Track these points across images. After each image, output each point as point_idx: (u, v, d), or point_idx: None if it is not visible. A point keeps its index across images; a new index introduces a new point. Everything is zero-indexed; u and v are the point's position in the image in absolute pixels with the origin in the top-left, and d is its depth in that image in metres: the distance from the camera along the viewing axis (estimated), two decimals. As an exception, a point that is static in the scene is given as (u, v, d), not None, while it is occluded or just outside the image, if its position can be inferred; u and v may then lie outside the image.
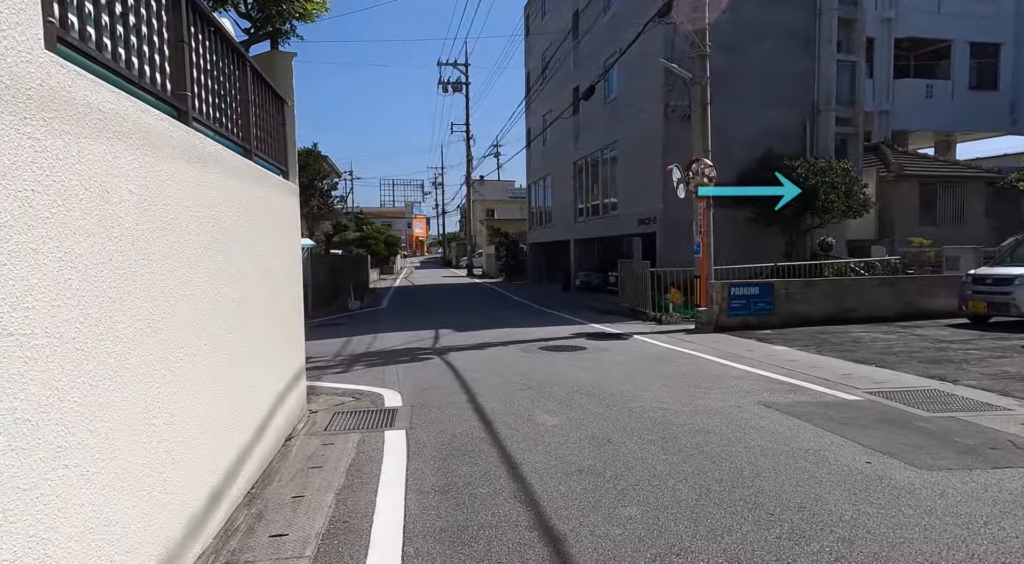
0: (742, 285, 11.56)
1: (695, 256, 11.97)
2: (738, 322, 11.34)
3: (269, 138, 4.80)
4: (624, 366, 7.59)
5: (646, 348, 9.24)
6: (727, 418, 5.01)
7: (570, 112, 23.14)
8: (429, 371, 7.62)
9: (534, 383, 6.63)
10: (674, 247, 16.04)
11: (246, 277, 3.79)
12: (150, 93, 2.71)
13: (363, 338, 11.14)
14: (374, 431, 4.94)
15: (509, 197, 58.82)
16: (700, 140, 11.77)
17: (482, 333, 11.33)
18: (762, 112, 16.65)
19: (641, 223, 17.38)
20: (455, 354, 8.93)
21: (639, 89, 17.40)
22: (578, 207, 23.49)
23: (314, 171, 16.62)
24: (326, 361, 8.77)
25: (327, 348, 10.03)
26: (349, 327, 13.07)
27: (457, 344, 10.01)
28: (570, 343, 9.85)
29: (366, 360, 8.77)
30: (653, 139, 16.49)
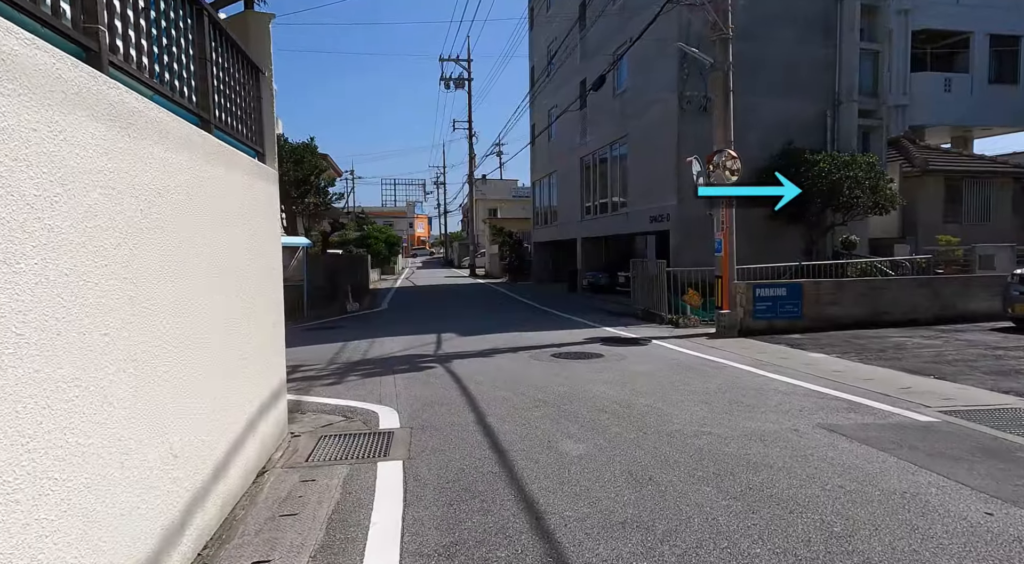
0: (768, 286, 10.73)
1: (716, 255, 11.15)
2: (763, 326, 10.52)
3: (238, 111, 4.00)
4: (649, 377, 6.77)
5: (669, 355, 8.42)
6: (787, 446, 4.19)
7: (577, 106, 22.34)
8: (431, 383, 6.80)
9: (550, 398, 5.82)
10: (689, 246, 15.22)
11: (199, 276, 2.98)
12: (50, 27, 1.91)
13: (360, 344, 10.33)
14: (365, 462, 4.13)
15: (512, 196, 57.97)
16: (722, 131, 10.95)
17: (488, 338, 10.52)
18: (781, 103, 15.81)
19: (653, 221, 16.56)
20: (459, 362, 8.12)
21: (651, 80, 16.58)
22: (585, 205, 22.66)
23: (310, 166, 15.82)
24: (317, 370, 7.97)
25: (320, 354, 9.23)
26: (346, 331, 12.27)
27: (461, 350, 9.20)
28: (585, 349, 9.03)
29: (362, 369, 7.96)
30: (666, 132, 15.66)
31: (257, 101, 4.42)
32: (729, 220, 10.90)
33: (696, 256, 14.30)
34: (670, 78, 15.49)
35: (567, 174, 24.50)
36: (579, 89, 22.28)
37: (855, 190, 14.37)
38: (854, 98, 16.17)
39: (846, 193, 14.40)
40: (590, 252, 22.99)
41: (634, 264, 14.69)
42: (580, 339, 10.25)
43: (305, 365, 8.41)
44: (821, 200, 14.70)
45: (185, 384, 2.77)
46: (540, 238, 29.26)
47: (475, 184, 42.29)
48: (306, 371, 7.95)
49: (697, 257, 14.07)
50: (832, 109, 16.26)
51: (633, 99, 17.82)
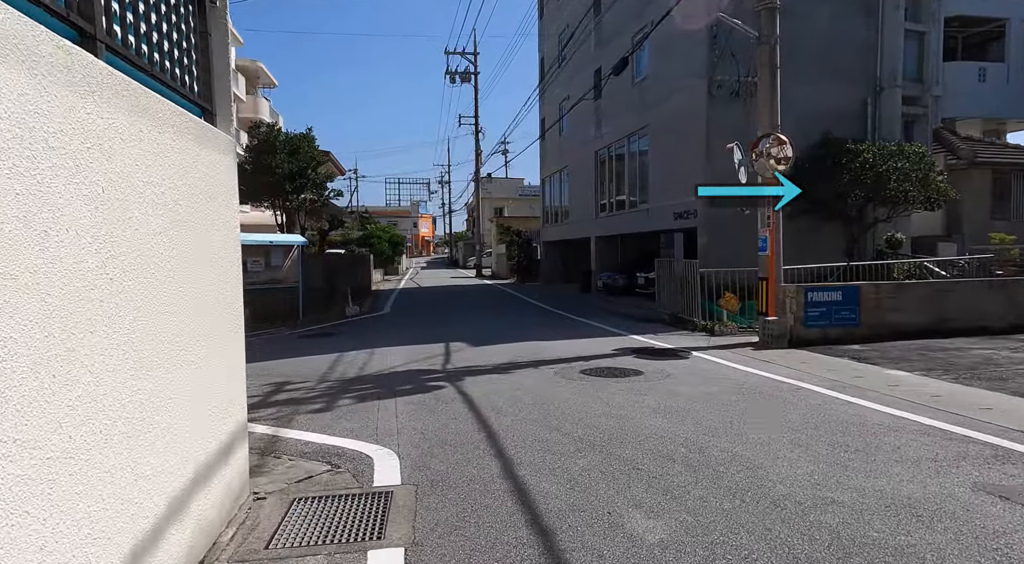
0: (822, 290, 9.43)
1: (760, 255, 9.86)
2: (816, 335, 9.23)
3: (166, 43, 2.75)
4: (710, 404, 5.49)
5: (719, 372, 7.13)
6: (959, 530, 2.91)
7: (591, 97, 21.06)
8: (440, 410, 5.55)
9: (595, 437, 4.55)
10: (719, 244, 13.94)
11: (77, 281, 1.74)
12: None
13: (358, 355, 9.09)
14: (351, 548, 2.88)
15: (519, 195, 56.75)
16: (768, 113, 9.67)
17: (503, 348, 9.26)
18: (818, 89, 14.49)
19: (678, 217, 15.27)
20: (473, 380, 6.87)
21: (676, 65, 15.28)
22: (600, 202, 21.38)
23: (307, 158, 14.59)
24: (306, 389, 6.72)
25: (311, 368, 7.99)
26: (343, 339, 11.03)
27: (474, 364, 7.94)
28: (618, 364, 7.75)
29: (358, 388, 6.71)
30: (693, 121, 14.38)
31: (201, 37, 3.16)
32: (776, 214, 9.61)
33: (726, 255, 13.05)
34: (698, 62, 14.20)
35: (580, 169, 23.22)
36: (594, 78, 21.02)
37: (904, 183, 13.05)
38: (897, 84, 14.85)
39: (893, 186, 13.08)
40: (604, 252, 21.71)
41: (659, 264, 13.42)
42: (608, 350, 8.98)
43: (292, 382, 7.18)
44: (864, 194, 13.39)
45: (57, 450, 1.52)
46: (549, 237, 27.99)
47: (480, 182, 41.03)
48: (293, 390, 6.70)
49: (727, 256, 12.81)
50: (873, 96, 14.95)
51: (654, 87, 16.53)
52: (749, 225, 14.28)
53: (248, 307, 11.84)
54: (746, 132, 14.17)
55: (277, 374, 7.76)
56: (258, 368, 8.23)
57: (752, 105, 14.02)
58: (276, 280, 13.39)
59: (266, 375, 7.71)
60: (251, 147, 14.82)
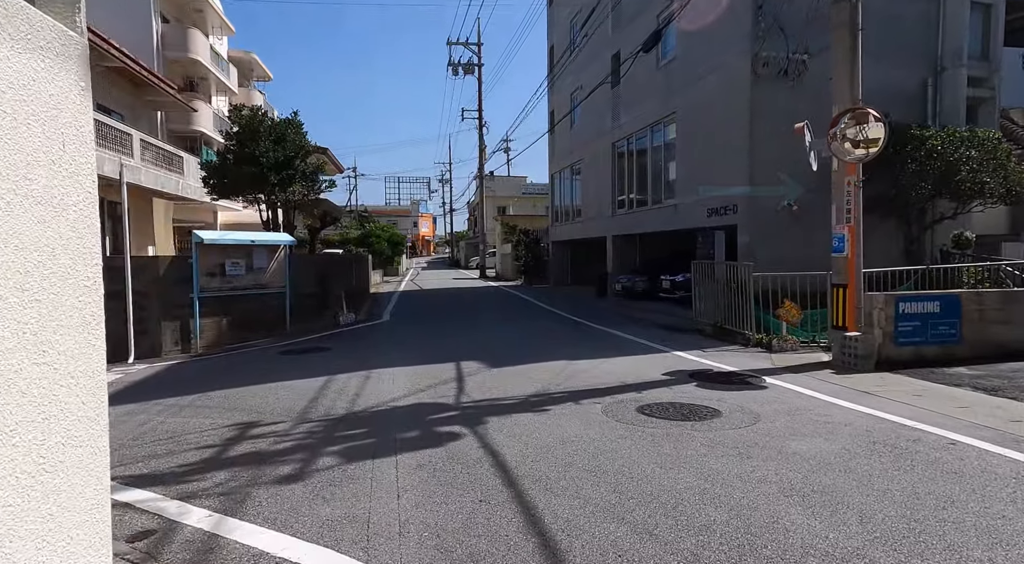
0: (916, 299, 7.74)
1: (835, 256, 8.19)
2: (909, 354, 7.56)
3: None
4: (854, 478, 3.80)
5: (820, 412, 5.44)
6: None
7: (608, 85, 19.37)
8: (461, 484, 3.86)
9: (718, 554, 2.87)
10: (763, 243, 12.29)
11: None
12: None
13: (350, 379, 7.40)
14: None
15: (522, 193, 55.16)
16: (848, 84, 7.98)
17: (529, 371, 7.58)
18: (873, 69, 12.74)
19: (712, 213, 13.59)
20: (499, 424, 5.18)
21: (711, 42, 13.59)
22: (617, 198, 19.70)
23: (294, 146, 12.88)
24: (276, 437, 5.03)
25: (290, 399, 6.30)
26: (334, 356, 9.35)
27: (496, 396, 6.26)
28: (680, 395, 6.07)
29: (346, 437, 5.02)
30: (733, 104, 12.69)
31: None
32: (857, 207, 7.93)
33: (773, 257, 11.43)
34: (739, 37, 12.52)
35: (594, 164, 21.53)
36: (611, 64, 19.34)
37: (979, 173, 11.37)
38: (962, 63, 13.16)
39: (966, 177, 11.40)
40: (622, 252, 20.03)
41: (696, 267, 11.74)
42: (658, 373, 7.29)
43: (262, 422, 5.50)
44: (931, 187, 11.71)
45: None
46: (558, 236, 26.30)
47: (484, 178, 39.32)
48: (259, 437, 5.02)
49: (774, 258, 11.19)
50: (934, 76, 13.26)
51: (684, 69, 14.85)
52: (800, 222, 12.68)
53: (225, 316, 10.07)
54: (795, 116, 12.50)
55: (246, 408, 6.08)
56: (225, 398, 6.56)
57: (802, 85, 12.37)
58: (260, 284, 11.71)
59: (232, 410, 6.04)
60: (232, 134, 13.11)
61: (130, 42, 19.72)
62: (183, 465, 4.42)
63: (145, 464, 4.49)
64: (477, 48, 34.52)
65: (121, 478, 4.14)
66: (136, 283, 10.12)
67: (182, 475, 4.20)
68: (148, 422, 5.75)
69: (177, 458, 4.58)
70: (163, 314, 10.41)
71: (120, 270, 9.90)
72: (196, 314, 10.66)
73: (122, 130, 15.90)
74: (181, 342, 10.61)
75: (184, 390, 7.12)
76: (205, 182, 13.45)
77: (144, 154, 17.48)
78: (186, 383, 7.63)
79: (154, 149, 18.09)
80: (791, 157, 12.43)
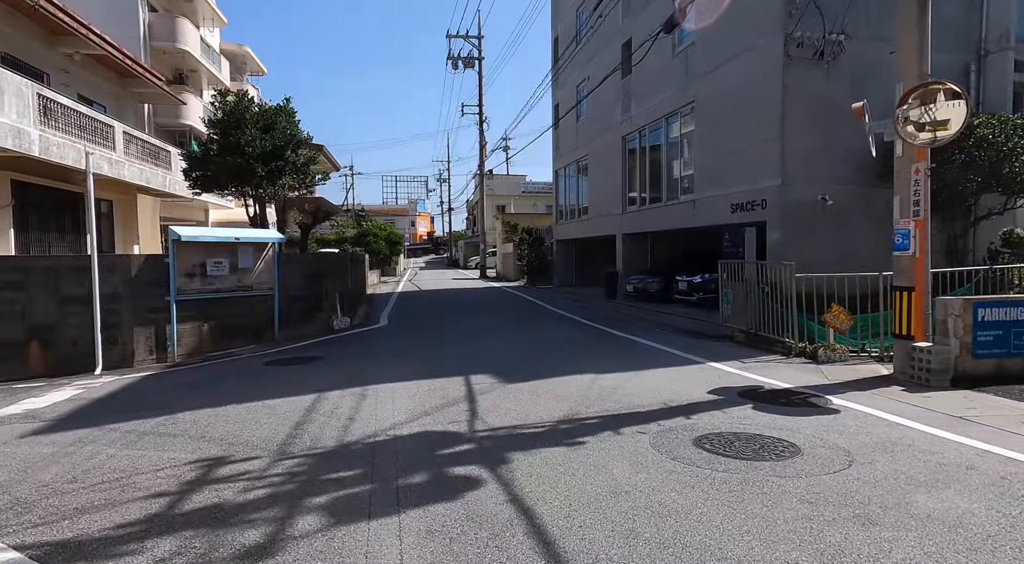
0: (997, 305, 6.72)
1: (897, 255, 7.18)
2: (990, 368, 6.56)
3: None
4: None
5: (926, 448, 4.40)
6: None
7: (618, 75, 18.34)
8: (488, 562, 2.82)
9: None
10: (796, 241, 11.29)
11: None
12: None
13: (342, 399, 6.35)
14: None
15: (521, 192, 54.14)
16: (915, 57, 6.97)
17: (550, 387, 6.54)
18: (912, 53, 11.83)
19: (737, 209, 12.57)
20: (526, 463, 4.15)
21: (736, 23, 12.57)
22: (628, 194, 18.67)
23: (284, 136, 11.79)
24: (246, 482, 3.98)
25: (269, 428, 5.25)
26: (325, 368, 8.30)
27: (517, 422, 5.21)
28: (740, 422, 5.04)
29: (332, 484, 3.98)
30: (762, 90, 11.67)
31: None
32: (926, 199, 6.91)
33: (803, 255, 10.45)
34: (769, 16, 11.49)
35: (602, 158, 20.50)
36: (621, 53, 18.32)
37: (1037, 164, 10.37)
38: (1008, 45, 12.17)
39: (1021, 169, 10.41)
40: (632, 251, 19.00)
41: (723, 267, 10.70)
42: (702, 392, 6.26)
43: (232, 459, 4.46)
44: (981, 179, 10.71)
45: None
46: (563, 235, 25.27)
47: (484, 177, 38.25)
48: (225, 482, 3.98)
49: (803, 257, 10.20)
50: (977, 61, 12.27)
51: (703, 54, 13.83)
52: (833, 218, 11.67)
53: (207, 321, 9.00)
54: (830, 103, 11.51)
55: (217, 437, 5.03)
56: (194, 423, 5.51)
57: (837, 69, 11.36)
58: (245, 286, 10.64)
59: (200, 439, 5.00)
60: (216, 121, 12.01)
61: (115, 31, 18.63)
62: (120, 525, 3.37)
63: (73, 523, 3.44)
64: (478, 41, 33.48)
65: (32, 549, 3.10)
66: (105, 285, 9.06)
67: (114, 544, 3.15)
68: (96, 455, 4.71)
69: (115, 514, 3.54)
70: (136, 319, 9.34)
71: (86, 270, 8.84)
72: (173, 319, 9.59)
73: (103, 121, 14.83)
74: (156, 350, 9.55)
75: (149, 411, 6.06)
76: (186, 174, 12.36)
77: (129, 148, 16.42)
78: (153, 402, 6.57)
79: (139, 143, 17.02)
80: (826, 146, 11.45)
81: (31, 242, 13.32)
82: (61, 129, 12.85)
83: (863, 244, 11.60)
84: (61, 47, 15.82)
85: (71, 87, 16.39)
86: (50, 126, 12.34)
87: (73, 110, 13.51)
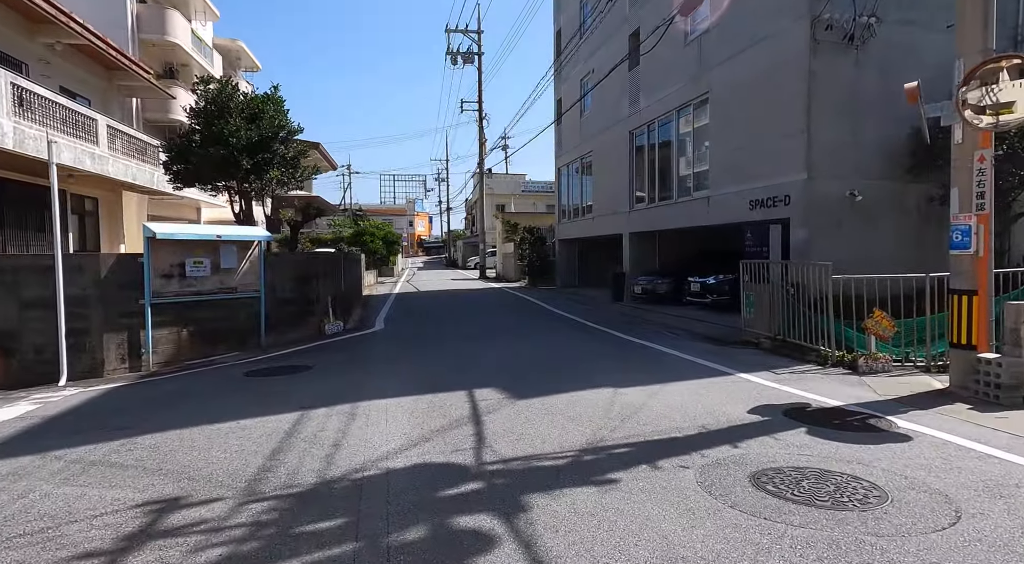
0: (1073, 310, 5.92)
1: (954, 254, 6.37)
2: (1065, 383, 5.75)
3: None
4: None
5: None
6: None
7: (625, 67, 17.55)
8: None
9: None
10: (821, 240, 10.51)
11: None
12: None
13: (329, 418, 5.53)
14: None
15: (521, 191, 53.35)
16: (980, 31, 6.16)
17: (566, 404, 5.72)
18: (943, 41, 11.04)
19: (756, 206, 11.78)
20: (551, 514, 3.34)
21: (756, 6, 11.76)
22: (636, 191, 17.86)
23: (272, 126, 10.96)
24: (197, 540, 3.16)
25: (240, 457, 4.42)
26: (312, 378, 7.48)
27: (534, 454, 4.40)
28: (797, 453, 4.24)
29: (307, 542, 3.15)
30: (786, 78, 10.87)
31: None
32: (991, 191, 6.12)
33: (827, 255, 9.64)
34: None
35: (608, 154, 19.70)
36: (629, 44, 17.51)
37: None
38: (1047, 32, 11.40)
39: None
40: (640, 251, 18.18)
41: (746, 267, 9.91)
42: (741, 411, 5.45)
43: (188, 502, 3.65)
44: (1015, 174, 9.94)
45: None
46: (565, 235, 24.46)
47: (484, 175, 37.42)
48: (174, 536, 3.16)
49: (832, 256, 9.38)
50: (1013, 46, 11.49)
51: (721, 41, 13.02)
52: (864, 215, 10.85)
53: (186, 326, 8.03)
54: (860, 91, 10.71)
55: (176, 469, 4.22)
56: (154, 449, 4.70)
57: (867, 55, 10.57)
58: (229, 288, 9.82)
59: (156, 472, 4.18)
60: (198, 110, 11.16)
61: (101, 21, 17.83)
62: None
63: (-36, 601, 2.62)
64: (477, 36, 32.66)
65: None
66: (72, 287, 8.23)
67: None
68: (28, 494, 3.90)
69: (21, 589, 2.72)
70: (106, 325, 8.52)
71: (50, 271, 8.01)
72: (148, 324, 8.77)
73: (85, 114, 14.00)
74: (129, 358, 8.72)
75: (106, 433, 5.25)
76: (166, 168, 11.53)
77: (115, 143, 15.61)
78: (114, 420, 5.75)
79: (125, 138, 16.19)
80: (854, 138, 10.67)
81: (7, 240, 12.50)
82: (39, 121, 12.06)
83: (892, 243, 10.84)
84: (41, 36, 15.02)
85: (53, 79, 15.58)
86: (26, 118, 11.53)
87: (52, 102, 12.71)
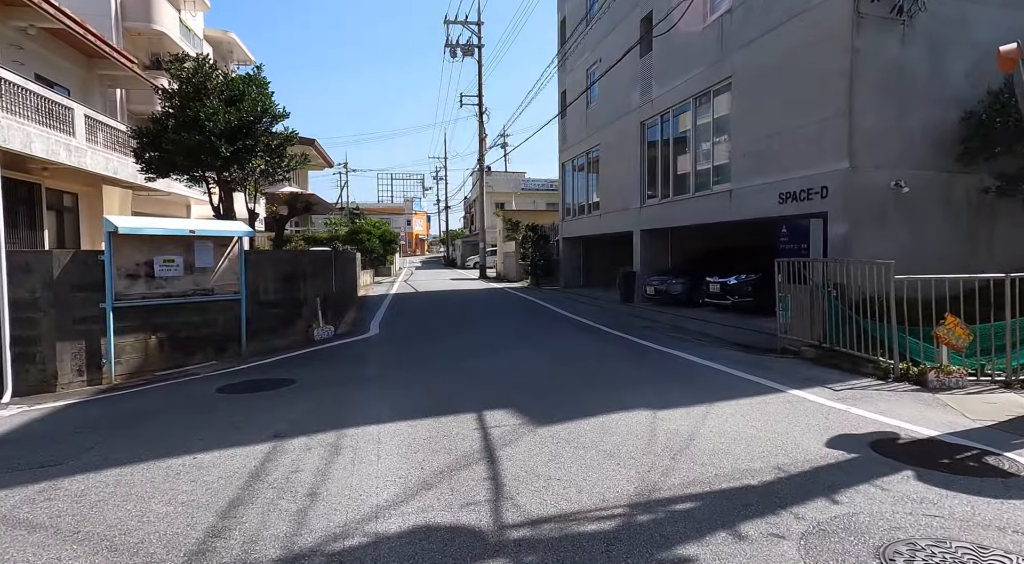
0: None
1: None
2: None
3: None
4: None
5: None
6: None
7: (635, 55, 16.51)
8: None
9: None
10: (864, 236, 9.50)
11: None
12: None
13: (307, 452, 4.47)
14: None
15: (521, 189, 52.31)
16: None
17: (597, 433, 4.67)
18: (1002, 12, 10.05)
19: (788, 199, 10.74)
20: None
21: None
22: (647, 186, 16.82)
23: (253, 109, 9.88)
24: None
25: (186, 512, 3.35)
26: (295, 396, 6.41)
27: (571, 513, 3.34)
28: (923, 516, 3.20)
29: None
30: (824, 57, 9.83)
31: None
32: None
33: (874, 252, 8.68)
34: (833, -32, 9.66)
35: (617, 147, 18.65)
36: (640, 29, 16.46)
37: None
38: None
39: None
40: (651, 250, 17.14)
41: (782, 266, 8.86)
42: (818, 444, 4.41)
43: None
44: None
45: None
46: (570, 233, 23.41)
47: (484, 172, 36.34)
48: None
49: (874, 254, 8.40)
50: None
51: (746, 20, 11.98)
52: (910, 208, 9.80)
53: (155, 333, 6.66)
54: (907, 71, 9.68)
55: (99, 533, 3.17)
56: (80, 498, 3.64)
57: (913, 30, 9.53)
58: (204, 290, 8.76)
59: (66, 539, 3.12)
60: (172, 92, 10.07)
61: (82, 7, 16.79)
62: None
63: None
64: (477, 27, 31.59)
65: None
66: (18, 289, 7.16)
67: None
68: None
69: None
70: (60, 332, 7.44)
71: (-8, 270, 6.93)
72: (109, 331, 7.70)
73: (58, 102, 12.94)
74: (88, 370, 7.65)
75: (29, 471, 4.20)
76: (137, 156, 10.44)
77: (95, 134, 14.54)
78: (47, 452, 4.69)
79: (106, 129, 15.15)
80: (900, 123, 9.65)
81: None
82: (5, 109, 11.05)
83: (939, 239, 9.83)
84: (13, 20, 13.96)
85: (27, 65, 14.53)
86: (-13, 105, 10.53)
87: (20, 87, 11.65)
